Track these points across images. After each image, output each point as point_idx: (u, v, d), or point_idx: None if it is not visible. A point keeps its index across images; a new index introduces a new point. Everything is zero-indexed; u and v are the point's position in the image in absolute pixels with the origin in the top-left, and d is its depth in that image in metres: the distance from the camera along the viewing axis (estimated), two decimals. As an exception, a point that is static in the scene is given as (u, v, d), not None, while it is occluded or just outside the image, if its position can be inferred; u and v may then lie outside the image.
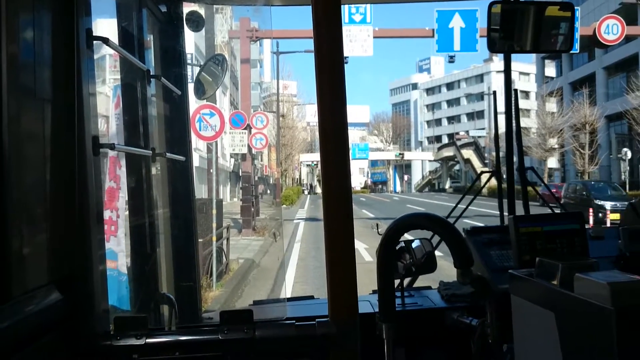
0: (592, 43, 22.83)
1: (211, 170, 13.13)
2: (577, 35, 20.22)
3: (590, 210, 20.11)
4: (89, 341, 1.44)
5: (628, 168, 33.47)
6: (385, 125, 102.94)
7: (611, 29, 21.54)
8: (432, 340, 2.02)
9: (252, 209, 18.09)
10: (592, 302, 1.22)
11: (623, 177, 33.78)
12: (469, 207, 2.83)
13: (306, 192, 71.39)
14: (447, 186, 71.27)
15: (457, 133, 78.71)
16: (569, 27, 2.17)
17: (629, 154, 33.29)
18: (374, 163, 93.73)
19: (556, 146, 41.89)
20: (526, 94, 72.20)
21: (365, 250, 12.83)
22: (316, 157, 78.84)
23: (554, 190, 28.97)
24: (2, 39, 1.19)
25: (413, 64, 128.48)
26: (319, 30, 1.45)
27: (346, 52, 20.23)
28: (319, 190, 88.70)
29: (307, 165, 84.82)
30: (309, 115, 70.15)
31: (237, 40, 22.29)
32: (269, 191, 42.31)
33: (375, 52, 20.77)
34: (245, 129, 17.81)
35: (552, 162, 45.61)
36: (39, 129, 1.36)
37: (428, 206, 32.13)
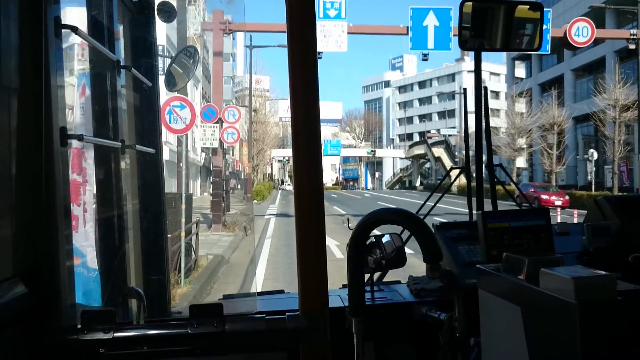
0: (562, 45, 23.21)
1: (181, 164, 12.96)
2: (549, 37, 20.60)
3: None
4: (55, 335, 1.42)
5: (594, 169, 33.98)
6: (357, 122, 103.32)
7: (581, 32, 21.90)
8: (401, 334, 2.04)
9: (223, 204, 17.85)
10: (557, 296, 1.25)
11: (589, 177, 34.31)
12: (440, 205, 2.86)
13: (278, 187, 71.32)
14: (417, 184, 72.02)
15: (429, 131, 79.53)
16: (538, 27, 2.21)
17: (595, 155, 33.82)
18: (345, 160, 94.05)
19: (525, 146, 42.57)
20: (496, 94, 73.35)
21: (336, 247, 12.70)
22: (288, 152, 78.63)
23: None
24: None
25: (386, 61, 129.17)
26: (293, 24, 1.44)
27: (320, 48, 20.07)
28: (290, 186, 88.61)
29: (279, 160, 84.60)
30: (282, 110, 69.91)
31: (210, 32, 21.99)
32: (239, 186, 42.06)
33: (348, 48, 20.81)
34: (216, 122, 17.41)
35: (521, 162, 46.39)
36: (5, 119, 1.33)
37: (399, 203, 32.29)
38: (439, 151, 61.23)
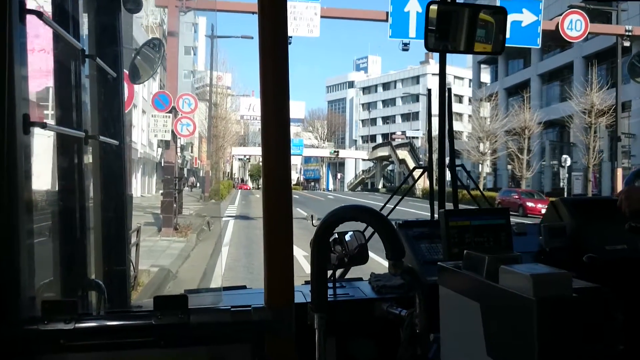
0: (554, 39, 21.72)
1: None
2: (539, 30, 19.61)
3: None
4: (14, 326, 1.41)
5: (567, 175, 33.28)
6: (320, 122, 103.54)
7: (574, 25, 20.54)
8: (362, 330, 2.08)
9: (174, 205, 16.08)
10: (515, 292, 1.30)
11: (562, 184, 33.45)
12: (403, 208, 2.92)
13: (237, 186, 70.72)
14: (380, 186, 72.36)
15: (394, 133, 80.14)
16: (501, 31, 2.30)
17: (569, 161, 33.09)
18: (307, 160, 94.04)
19: (489, 151, 42.77)
20: (459, 98, 74.62)
21: (304, 259, 9.93)
22: (249, 151, 78.09)
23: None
24: None
25: (350, 61, 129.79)
26: (264, 22, 1.47)
27: (290, 32, 18.55)
28: (250, 184, 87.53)
29: (239, 159, 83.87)
30: (243, 108, 69.39)
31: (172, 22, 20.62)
32: (197, 184, 41.43)
33: (313, 47, 20.48)
34: (169, 112, 15.86)
35: (485, 167, 47.13)
36: None
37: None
38: (403, 153, 61.58)
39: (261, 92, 1.49)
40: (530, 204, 28.83)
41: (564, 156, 33.80)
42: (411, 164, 56.88)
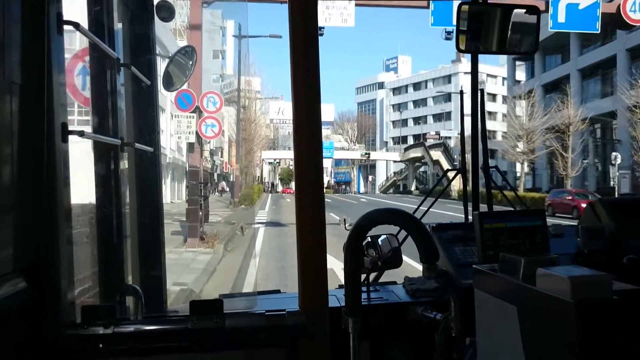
0: (614, 23, 19.28)
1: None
2: (599, 13, 17.80)
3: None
4: (55, 330, 1.47)
5: (618, 174, 31.60)
6: (350, 124, 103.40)
7: (638, 7, 17.88)
8: (396, 334, 2.09)
9: (200, 213, 14.83)
10: (553, 295, 1.29)
11: (612, 183, 31.81)
12: (437, 209, 2.92)
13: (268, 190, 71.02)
14: (413, 188, 71.59)
15: (427, 133, 79.29)
16: (535, 30, 2.29)
17: (619, 159, 31.30)
18: (337, 162, 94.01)
19: (527, 150, 41.58)
20: (493, 96, 73.52)
21: (342, 272, 9.68)
22: (279, 154, 78.52)
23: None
24: None
25: (380, 62, 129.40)
26: (295, 29, 1.50)
27: (322, 22, 17.08)
28: (280, 188, 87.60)
29: (270, 163, 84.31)
30: (272, 112, 69.77)
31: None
32: (228, 189, 41.55)
33: (341, 50, 20.29)
34: (193, 112, 14.80)
35: (523, 167, 46.24)
36: (7, 115, 1.38)
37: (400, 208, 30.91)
38: (437, 154, 60.71)
39: (292, 92, 1.52)
40: (585, 206, 27.29)
41: (614, 154, 32.15)
42: (445, 164, 56.05)
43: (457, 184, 2.85)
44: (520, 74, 55.09)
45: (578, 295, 1.24)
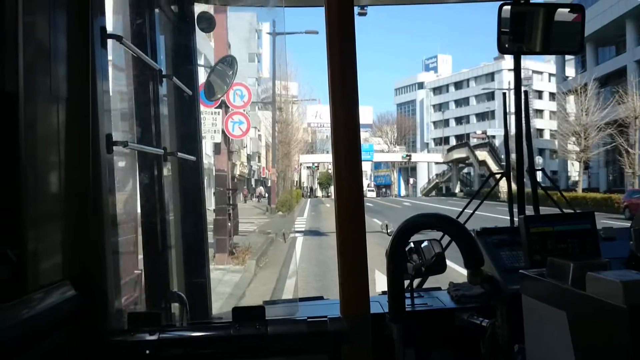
0: None
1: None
2: None
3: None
4: (102, 337, 1.54)
5: None
6: (389, 126, 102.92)
7: None
8: (442, 341, 2.10)
9: (229, 224, 13.13)
10: (605, 300, 1.28)
11: None
12: (484, 212, 2.90)
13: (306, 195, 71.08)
14: (457, 190, 70.25)
15: (473, 132, 77.87)
16: (579, 29, 2.28)
17: None
18: (377, 165, 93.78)
19: (583, 147, 39.73)
20: (539, 93, 71.92)
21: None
22: (317, 158, 78.63)
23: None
24: (19, 38, 1.29)
25: (419, 62, 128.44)
26: (332, 34, 1.54)
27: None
28: (319, 193, 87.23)
29: (308, 167, 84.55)
30: (310, 115, 69.98)
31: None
32: (266, 194, 41.42)
33: (378, 51, 20.10)
34: (219, 107, 13.32)
35: (579, 166, 44.67)
36: (54, 127, 1.46)
37: (447, 213, 28.36)
38: (482, 154, 59.33)
39: (330, 95, 1.55)
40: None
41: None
42: (492, 165, 54.65)
43: (504, 185, 2.83)
44: (569, 70, 53.58)
45: (631, 300, 1.22)
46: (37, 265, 1.37)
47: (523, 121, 2.58)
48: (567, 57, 50.82)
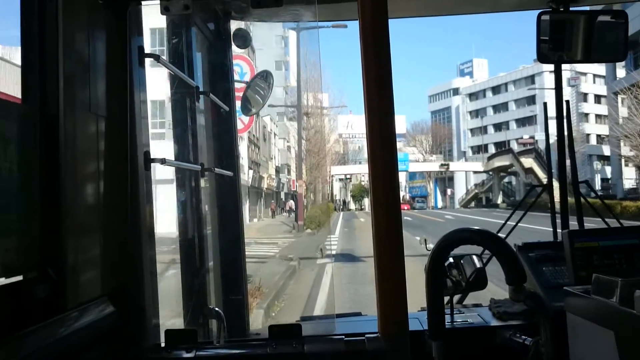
0: None
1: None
2: None
3: None
4: (139, 353, 1.61)
5: None
6: (424, 135, 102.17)
7: None
8: (483, 359, 2.11)
9: None
10: None
11: None
12: (528, 224, 2.89)
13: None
14: (499, 201, 68.14)
15: (521, 138, 75.79)
16: (622, 35, 2.30)
17: None
18: (412, 176, 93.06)
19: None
20: (584, 95, 70.29)
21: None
22: (349, 169, 78.21)
23: None
24: (59, 57, 1.39)
25: (453, 68, 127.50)
26: (367, 46, 1.58)
27: None
28: (352, 206, 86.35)
29: (340, 179, 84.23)
30: (341, 126, 69.85)
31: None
32: (294, 208, 39.79)
33: (410, 58, 19.76)
34: None
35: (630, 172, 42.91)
36: (93, 144, 1.55)
37: (495, 227, 24.99)
38: (528, 161, 56.94)
39: (365, 105, 1.58)
40: None
41: None
42: (540, 172, 52.37)
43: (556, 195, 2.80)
44: (619, 70, 51.79)
45: None
46: (76, 282, 1.44)
47: (565, 131, 2.60)
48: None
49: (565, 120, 2.58)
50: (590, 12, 2.30)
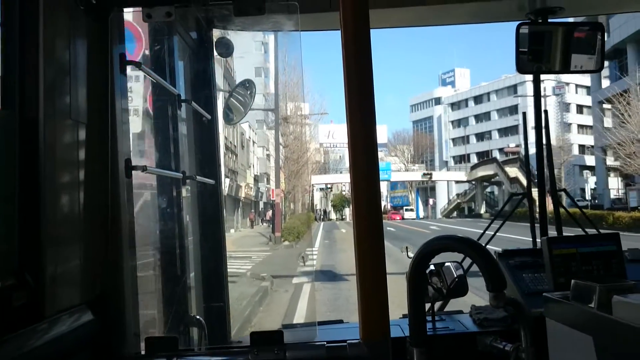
0: None
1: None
2: None
3: None
4: None
5: None
6: (406, 146, 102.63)
7: None
8: None
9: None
10: (633, 325, 1.33)
11: None
12: (510, 234, 2.95)
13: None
14: (482, 211, 68.52)
15: (507, 146, 75.96)
16: (599, 47, 2.40)
17: None
18: (393, 186, 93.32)
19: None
20: (566, 105, 70.97)
21: None
22: (331, 179, 78.06)
23: None
24: (39, 63, 1.41)
25: (435, 77, 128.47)
26: (349, 56, 1.62)
27: None
28: (333, 216, 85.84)
29: (321, 189, 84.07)
30: (322, 136, 69.70)
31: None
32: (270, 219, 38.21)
33: (392, 68, 19.72)
34: None
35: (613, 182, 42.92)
36: (73, 151, 1.57)
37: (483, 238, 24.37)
38: (513, 170, 56.69)
39: (347, 116, 1.62)
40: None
41: None
42: (525, 182, 52.13)
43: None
44: (603, 80, 51.84)
45: None
46: (55, 290, 1.45)
47: (544, 140, 2.68)
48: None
49: (544, 130, 2.67)
50: (568, 24, 2.39)
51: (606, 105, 41.76)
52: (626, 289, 1.48)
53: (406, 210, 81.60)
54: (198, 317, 2.16)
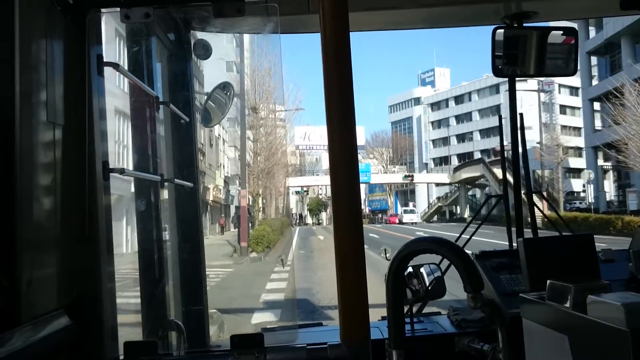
0: None
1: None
2: None
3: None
4: None
5: None
6: (384, 148, 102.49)
7: None
8: None
9: None
10: (607, 324, 1.40)
11: None
12: (484, 238, 3.06)
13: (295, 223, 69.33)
14: (466, 215, 67.51)
15: (494, 148, 76.05)
16: (573, 52, 2.54)
17: None
18: (371, 189, 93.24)
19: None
20: (564, 109, 71.01)
21: None
22: (307, 181, 77.41)
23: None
24: (15, 65, 1.44)
25: (414, 77, 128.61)
26: (328, 58, 1.65)
27: None
28: (309, 220, 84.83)
29: (297, 192, 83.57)
30: (298, 138, 69.26)
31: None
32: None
33: (369, 67, 19.36)
34: None
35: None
36: (50, 154, 1.60)
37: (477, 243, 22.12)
38: (500, 172, 55.63)
39: (327, 118, 1.66)
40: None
41: None
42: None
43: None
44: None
45: (633, 324, 1.33)
46: (31, 294, 1.47)
47: (519, 144, 2.80)
48: (593, 56, 48.09)
49: (519, 132, 2.79)
50: (542, 29, 2.51)
51: (596, 104, 41.50)
52: (600, 289, 1.55)
53: (405, 212, 75.77)
54: (177, 321, 2.21)
